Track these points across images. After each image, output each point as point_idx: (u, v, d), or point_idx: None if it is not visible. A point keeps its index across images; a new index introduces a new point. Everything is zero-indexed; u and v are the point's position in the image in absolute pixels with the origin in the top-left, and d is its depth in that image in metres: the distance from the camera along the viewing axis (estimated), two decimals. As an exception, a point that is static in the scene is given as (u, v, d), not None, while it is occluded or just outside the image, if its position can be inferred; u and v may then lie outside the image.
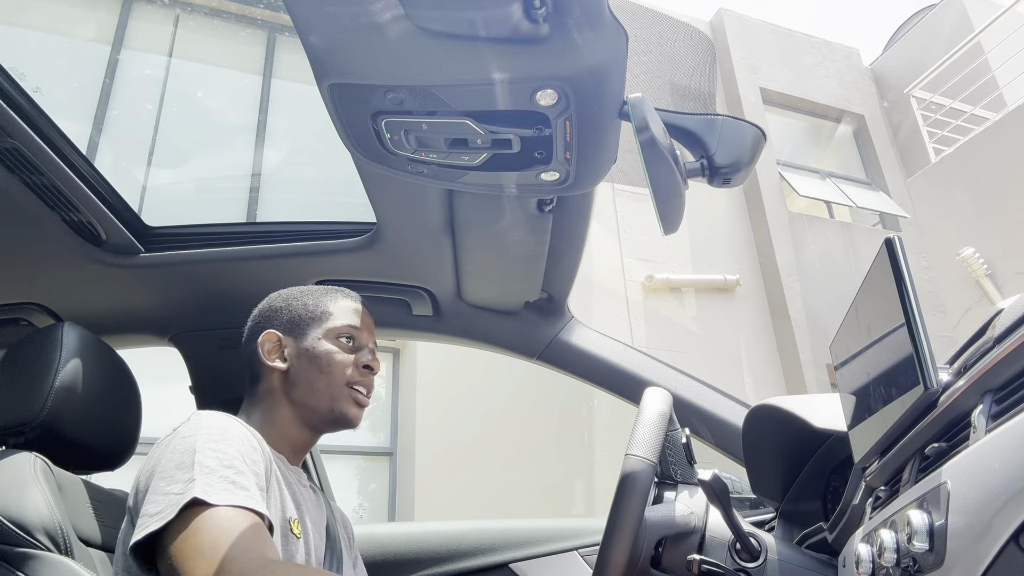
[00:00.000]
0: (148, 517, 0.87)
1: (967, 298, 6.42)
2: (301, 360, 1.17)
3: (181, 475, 0.89)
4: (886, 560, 0.65)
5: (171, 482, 0.89)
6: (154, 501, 0.88)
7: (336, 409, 1.16)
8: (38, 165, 1.20)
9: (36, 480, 1.00)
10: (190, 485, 0.87)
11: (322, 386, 1.15)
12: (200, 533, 0.84)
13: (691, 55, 8.15)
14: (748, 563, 0.98)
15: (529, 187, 1.06)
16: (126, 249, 1.44)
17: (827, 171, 8.94)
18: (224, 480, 0.90)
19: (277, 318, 1.21)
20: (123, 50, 4.63)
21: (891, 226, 8.83)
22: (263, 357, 1.17)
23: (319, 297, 1.23)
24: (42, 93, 1.22)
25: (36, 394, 1.10)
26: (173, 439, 0.97)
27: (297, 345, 1.18)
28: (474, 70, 0.85)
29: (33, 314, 1.53)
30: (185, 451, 0.93)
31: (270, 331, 1.19)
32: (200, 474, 0.89)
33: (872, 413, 0.83)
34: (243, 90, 5.10)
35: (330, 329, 1.18)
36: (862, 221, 9.03)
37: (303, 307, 1.21)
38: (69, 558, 0.96)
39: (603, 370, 1.59)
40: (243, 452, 0.96)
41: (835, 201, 8.61)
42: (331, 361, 1.16)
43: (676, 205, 0.99)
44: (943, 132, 7.07)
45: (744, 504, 1.54)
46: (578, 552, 1.62)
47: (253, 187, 3.95)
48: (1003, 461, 0.50)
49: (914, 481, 0.70)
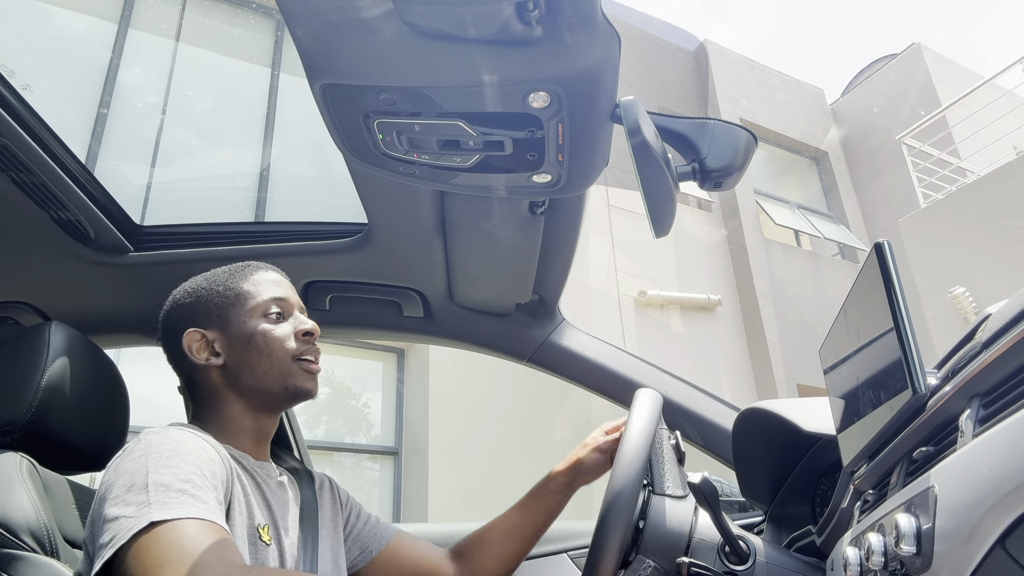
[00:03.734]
0: (102, 548, 0.83)
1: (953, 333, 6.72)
2: (235, 349, 1.11)
3: (134, 497, 0.85)
4: (874, 563, 0.65)
5: (123, 505, 0.85)
6: (107, 529, 0.84)
7: (289, 385, 1.10)
8: (26, 163, 1.19)
9: (22, 481, 0.99)
10: (145, 509, 0.83)
11: (267, 367, 1.10)
12: (163, 544, 0.80)
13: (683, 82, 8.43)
14: (737, 566, 0.98)
15: (521, 189, 1.06)
16: (115, 248, 1.43)
17: (795, 202, 9.49)
18: (182, 494, 0.86)
19: (193, 315, 1.14)
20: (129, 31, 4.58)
21: (850, 257, 9.55)
22: (193, 358, 1.11)
23: (228, 281, 1.16)
24: (31, 91, 1.21)
25: (23, 394, 1.09)
26: (124, 461, 0.92)
27: (225, 335, 1.12)
28: (467, 71, 0.85)
29: (20, 313, 1.52)
30: (136, 472, 0.88)
31: (191, 330, 1.12)
32: (156, 495, 0.85)
33: (861, 417, 0.84)
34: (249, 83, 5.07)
35: (253, 307, 1.12)
36: (823, 251, 9.62)
37: (216, 295, 1.14)
38: (55, 559, 0.95)
39: (594, 372, 1.59)
40: (200, 465, 0.92)
41: (804, 231, 9.16)
42: (267, 340, 1.10)
43: (667, 208, 0.99)
44: (931, 179, 7.72)
45: (733, 507, 1.54)
46: (567, 555, 1.62)
47: (251, 186, 3.94)
48: (990, 465, 0.51)
49: (902, 485, 0.70)
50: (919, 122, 7.84)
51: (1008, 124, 7.05)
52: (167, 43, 4.92)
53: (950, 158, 7.85)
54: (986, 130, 7.15)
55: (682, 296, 7.77)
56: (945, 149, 7.79)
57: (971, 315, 6.64)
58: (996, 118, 7.02)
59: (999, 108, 7.07)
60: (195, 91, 4.88)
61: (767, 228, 9.04)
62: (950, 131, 7.86)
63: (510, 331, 1.60)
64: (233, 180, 3.91)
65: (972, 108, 7.41)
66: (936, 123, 7.80)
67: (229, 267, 1.19)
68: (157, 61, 4.81)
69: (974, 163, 7.73)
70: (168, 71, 4.70)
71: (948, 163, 7.82)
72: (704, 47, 9.36)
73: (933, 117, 7.64)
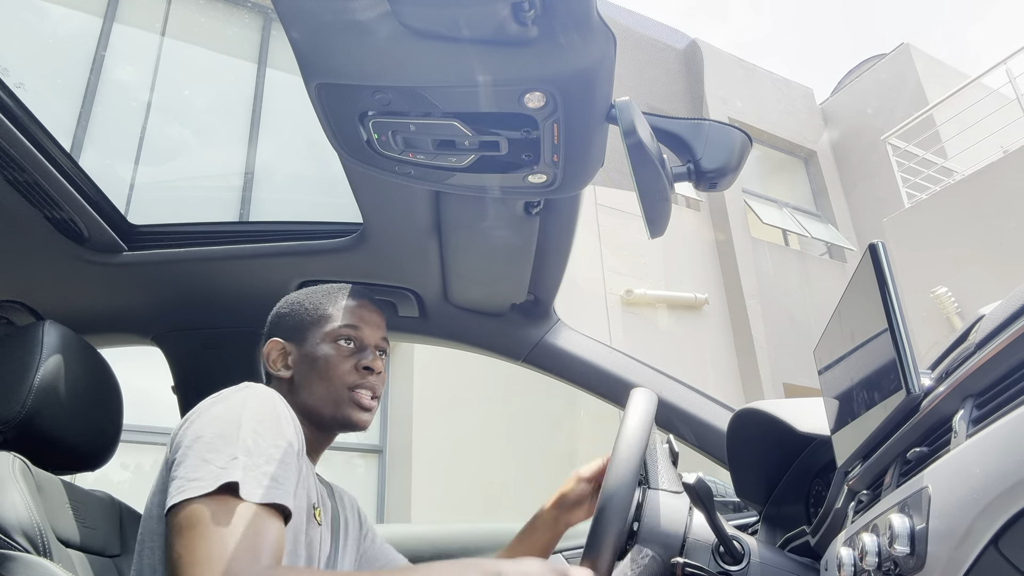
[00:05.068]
0: (187, 481, 0.87)
1: (935, 333, 6.81)
2: (302, 367, 1.16)
3: (224, 446, 0.89)
4: (868, 563, 0.65)
5: (212, 450, 0.89)
6: (194, 466, 0.88)
7: (339, 415, 1.14)
8: (20, 162, 1.19)
9: (14, 480, 0.99)
10: (232, 463, 0.87)
11: (323, 391, 1.14)
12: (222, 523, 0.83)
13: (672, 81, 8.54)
14: (731, 566, 0.98)
15: (516, 189, 1.06)
16: (109, 247, 1.43)
17: (783, 201, 9.47)
18: (258, 469, 0.89)
19: (282, 325, 1.21)
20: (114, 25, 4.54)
21: (838, 257, 9.58)
22: (268, 366, 1.18)
23: (320, 299, 1.21)
24: (25, 89, 1.21)
25: (16, 393, 1.08)
26: (218, 404, 0.97)
27: (299, 351, 1.17)
28: (462, 72, 0.85)
29: (13, 312, 1.51)
30: (231, 422, 0.93)
31: (274, 339, 1.19)
32: (242, 454, 0.89)
33: (855, 417, 0.84)
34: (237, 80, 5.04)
35: (328, 332, 1.17)
36: (811, 250, 9.68)
37: (304, 311, 1.20)
38: (47, 559, 0.94)
39: (589, 373, 1.59)
40: (286, 434, 0.96)
41: (792, 230, 9.21)
42: (329, 365, 1.15)
43: (663, 209, 0.99)
44: (916, 179, 7.85)
45: (728, 507, 1.54)
46: (562, 555, 1.62)
47: (246, 186, 3.92)
48: (983, 466, 0.51)
49: (896, 485, 0.70)
50: (904, 122, 7.94)
51: (993, 124, 7.11)
52: (154, 38, 4.90)
53: (935, 158, 7.95)
54: (972, 130, 7.22)
55: (669, 295, 7.81)
56: (930, 149, 7.88)
57: (953, 315, 6.75)
58: (981, 118, 7.08)
59: (985, 108, 7.13)
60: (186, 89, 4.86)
61: (755, 227, 9.09)
62: (937, 130, 7.97)
63: (505, 331, 1.60)
64: (226, 179, 3.89)
65: (958, 108, 7.49)
66: (923, 123, 7.90)
67: (330, 287, 1.24)
68: (146, 58, 4.79)
69: (960, 163, 7.82)
70: (155, 68, 4.68)
71: (933, 163, 7.92)
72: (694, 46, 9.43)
73: (918, 118, 7.76)
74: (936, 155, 7.93)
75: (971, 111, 7.18)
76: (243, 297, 1.56)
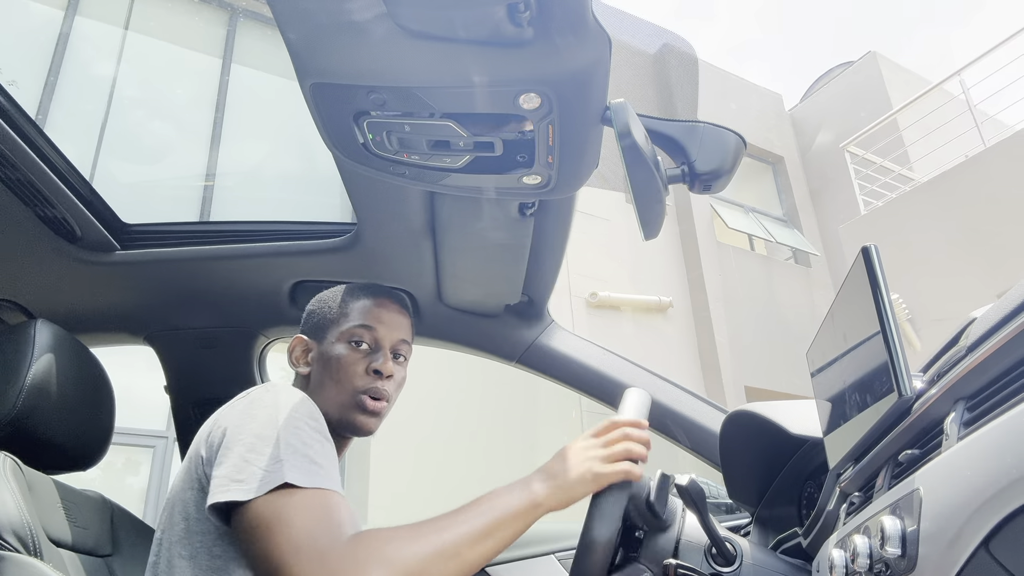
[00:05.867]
0: (231, 480, 0.87)
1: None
2: (318, 365, 1.15)
3: (265, 449, 0.89)
4: (859, 565, 0.66)
5: (255, 452, 0.88)
6: (237, 466, 0.88)
7: (343, 418, 1.12)
8: (12, 160, 1.18)
9: (5, 480, 0.98)
10: (277, 465, 0.87)
11: (332, 393, 1.12)
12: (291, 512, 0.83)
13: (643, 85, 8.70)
14: (723, 567, 0.98)
15: (511, 190, 1.06)
16: (101, 246, 1.42)
17: (750, 206, 9.58)
18: (307, 460, 0.89)
19: (308, 322, 1.20)
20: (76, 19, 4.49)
21: (803, 262, 9.71)
22: (291, 363, 1.17)
23: (342, 297, 1.19)
24: (17, 86, 1.20)
25: (7, 392, 1.08)
26: (252, 404, 0.96)
27: (318, 349, 1.16)
28: (458, 72, 0.85)
29: (5, 311, 1.50)
30: (267, 422, 0.92)
31: (299, 336, 1.18)
32: (287, 454, 0.88)
33: (847, 420, 0.84)
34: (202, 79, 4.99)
35: (344, 331, 1.15)
36: (777, 255, 9.77)
37: (327, 309, 1.18)
38: (38, 559, 0.94)
39: (582, 374, 1.59)
40: (320, 428, 0.96)
41: (757, 235, 9.32)
42: (340, 367, 1.13)
43: (657, 211, 0.99)
44: (873, 187, 8.08)
45: (720, 509, 1.55)
46: (555, 556, 1.62)
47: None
48: (974, 468, 0.51)
49: (888, 487, 0.70)
50: (863, 130, 8.11)
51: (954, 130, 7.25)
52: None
53: (892, 165, 8.15)
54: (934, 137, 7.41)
55: (633, 298, 7.90)
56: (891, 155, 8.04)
57: (904, 321, 6.87)
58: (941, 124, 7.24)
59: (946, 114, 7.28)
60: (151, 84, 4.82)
61: (721, 232, 9.20)
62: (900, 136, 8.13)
63: (499, 332, 1.60)
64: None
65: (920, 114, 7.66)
66: (884, 130, 8.07)
67: (355, 286, 1.23)
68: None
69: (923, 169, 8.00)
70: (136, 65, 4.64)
71: (890, 170, 8.12)
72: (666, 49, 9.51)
73: (876, 125, 7.95)
74: (896, 161, 8.11)
75: (934, 118, 7.34)
76: (236, 297, 1.55)
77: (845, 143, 8.21)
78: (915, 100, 7.56)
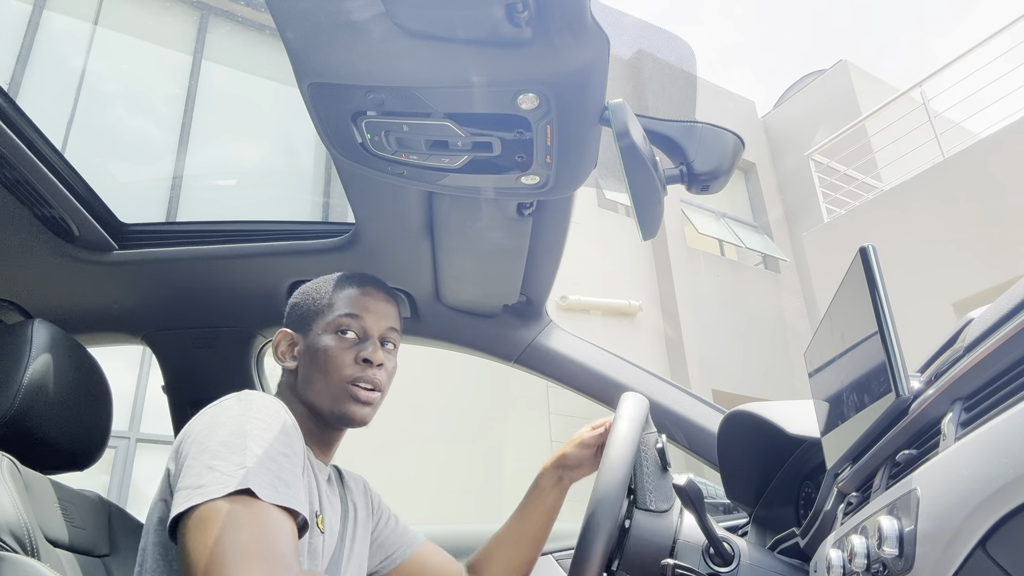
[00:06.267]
0: (191, 490, 0.83)
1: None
2: (305, 358, 1.13)
3: (230, 455, 0.86)
4: (856, 565, 0.66)
5: (218, 459, 0.86)
6: (199, 474, 0.84)
7: (336, 409, 1.10)
8: (9, 159, 1.18)
9: (2, 480, 0.98)
10: (242, 471, 0.84)
11: (322, 385, 1.10)
12: (246, 518, 0.80)
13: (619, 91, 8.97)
14: (721, 568, 0.98)
15: (509, 190, 1.06)
16: (99, 246, 1.42)
17: (720, 212, 9.66)
18: (271, 474, 0.86)
19: (292, 314, 1.17)
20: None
21: (772, 267, 9.79)
22: (277, 358, 1.15)
23: (325, 287, 1.16)
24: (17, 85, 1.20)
25: (4, 392, 1.07)
26: (220, 413, 0.93)
27: (304, 342, 1.14)
28: (456, 72, 0.85)
29: (2, 310, 1.50)
30: (235, 431, 0.89)
31: (283, 329, 1.16)
32: (251, 461, 0.85)
33: (845, 420, 0.84)
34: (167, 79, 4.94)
35: (329, 322, 1.13)
36: (747, 260, 9.87)
37: (312, 300, 1.16)
38: (35, 559, 0.94)
39: (581, 374, 1.59)
40: (290, 443, 0.93)
41: (728, 240, 9.38)
42: (328, 357, 1.10)
43: (655, 211, 0.99)
44: (836, 195, 8.31)
45: (718, 509, 1.55)
46: (552, 556, 1.62)
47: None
48: (971, 468, 0.51)
49: (885, 487, 0.71)
50: (828, 138, 8.29)
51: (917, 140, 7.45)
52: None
53: (856, 174, 8.37)
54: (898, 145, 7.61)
55: (603, 301, 7.97)
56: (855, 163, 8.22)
57: None
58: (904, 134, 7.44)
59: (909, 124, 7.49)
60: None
61: (692, 236, 9.31)
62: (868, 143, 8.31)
63: (497, 332, 1.60)
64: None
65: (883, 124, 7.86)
66: (851, 138, 8.24)
67: (341, 274, 1.20)
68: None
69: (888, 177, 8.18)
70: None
71: (854, 179, 8.37)
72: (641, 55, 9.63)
73: (842, 134, 8.15)
74: (861, 169, 8.33)
75: (900, 126, 7.54)
76: (234, 297, 1.55)
77: (810, 151, 8.39)
78: (878, 110, 7.76)
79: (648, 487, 1.05)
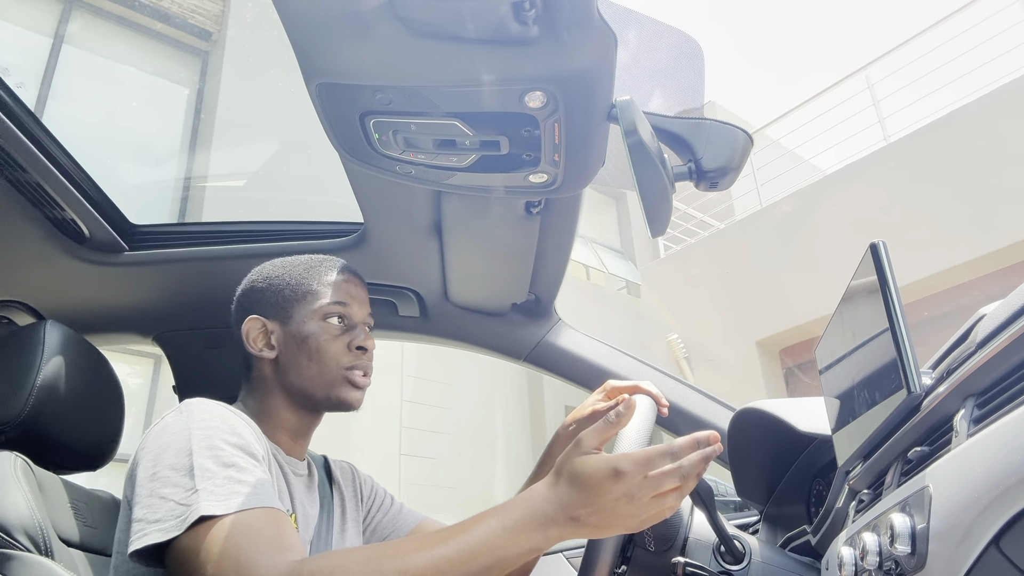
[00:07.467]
0: (147, 523, 0.80)
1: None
2: (289, 346, 1.10)
3: (180, 479, 0.83)
4: (868, 563, 0.65)
5: (169, 486, 0.82)
6: (151, 505, 0.82)
7: (332, 396, 1.09)
8: (20, 162, 1.19)
9: (16, 480, 0.99)
10: (193, 496, 0.80)
11: (314, 373, 1.09)
12: (212, 546, 0.77)
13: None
14: (732, 566, 0.98)
15: (517, 189, 1.06)
16: (110, 247, 1.43)
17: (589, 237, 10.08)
18: (228, 481, 0.83)
19: (260, 301, 1.14)
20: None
21: (634, 292, 10.10)
22: (248, 346, 1.11)
23: (302, 273, 1.14)
24: (26, 88, 1.21)
25: (17, 393, 1.08)
26: (163, 434, 0.89)
27: (284, 330, 1.11)
28: (463, 71, 0.85)
29: (15, 312, 1.51)
30: (180, 450, 0.85)
31: (253, 317, 1.12)
32: (202, 481, 0.82)
33: (856, 417, 0.84)
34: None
35: (316, 310, 1.11)
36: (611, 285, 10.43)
37: (286, 286, 1.13)
38: (49, 558, 0.95)
39: (590, 372, 1.59)
40: (242, 444, 0.90)
41: (594, 266, 9.53)
42: (319, 344, 1.09)
43: (664, 208, 0.99)
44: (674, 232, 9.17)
45: (728, 507, 1.54)
46: (563, 555, 1.62)
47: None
48: (984, 465, 0.51)
49: (897, 484, 0.70)
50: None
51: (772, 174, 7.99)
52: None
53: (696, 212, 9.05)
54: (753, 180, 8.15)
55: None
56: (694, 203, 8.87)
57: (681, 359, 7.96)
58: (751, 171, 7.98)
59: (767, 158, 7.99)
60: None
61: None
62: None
63: (506, 331, 1.60)
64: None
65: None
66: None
67: (310, 258, 1.17)
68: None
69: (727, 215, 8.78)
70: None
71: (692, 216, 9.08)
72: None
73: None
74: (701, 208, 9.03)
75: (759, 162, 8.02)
76: (244, 297, 1.56)
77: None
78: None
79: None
